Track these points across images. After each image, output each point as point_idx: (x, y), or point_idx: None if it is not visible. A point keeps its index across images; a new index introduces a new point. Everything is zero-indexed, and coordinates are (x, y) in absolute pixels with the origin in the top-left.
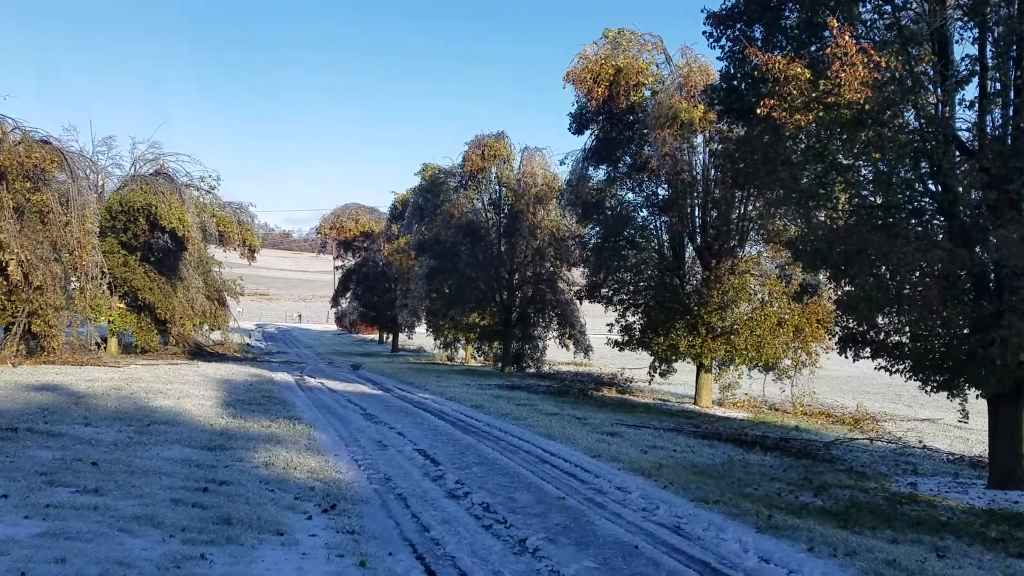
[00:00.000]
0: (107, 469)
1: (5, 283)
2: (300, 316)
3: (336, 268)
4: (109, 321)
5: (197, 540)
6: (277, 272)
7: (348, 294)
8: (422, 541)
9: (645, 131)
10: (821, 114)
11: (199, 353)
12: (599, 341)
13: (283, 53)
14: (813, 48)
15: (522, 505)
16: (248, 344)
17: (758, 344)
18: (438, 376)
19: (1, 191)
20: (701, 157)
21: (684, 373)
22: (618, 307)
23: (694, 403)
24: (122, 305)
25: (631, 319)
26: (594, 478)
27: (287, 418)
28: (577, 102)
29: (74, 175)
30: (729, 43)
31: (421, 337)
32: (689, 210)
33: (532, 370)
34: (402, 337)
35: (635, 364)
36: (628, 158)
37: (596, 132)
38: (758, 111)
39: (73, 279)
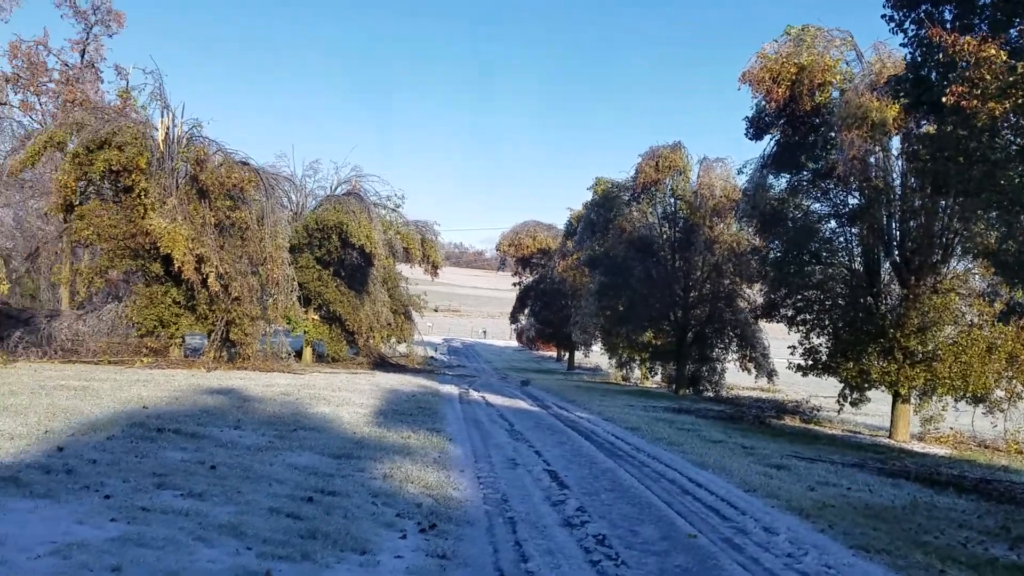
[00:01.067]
0: (223, 473)
1: (206, 294)
2: (485, 332)
3: (514, 285)
4: (304, 332)
5: (271, 554)
6: (470, 289)
7: (526, 311)
8: (515, 574)
9: (832, 134)
10: (1021, 102)
11: (382, 364)
12: (784, 365)
13: (472, 80)
14: (1012, 31)
15: (643, 540)
16: (432, 357)
17: (964, 372)
18: (603, 396)
19: (204, 209)
20: (897, 162)
21: (881, 403)
22: (801, 328)
23: (889, 437)
24: (316, 317)
25: (816, 341)
26: (739, 515)
27: (430, 430)
28: (755, 105)
29: (268, 193)
30: (914, 26)
31: (599, 355)
32: (884, 221)
33: (710, 394)
34: (579, 355)
35: (828, 392)
36: (812, 164)
37: (776, 137)
38: (944, 100)
39: (268, 291)
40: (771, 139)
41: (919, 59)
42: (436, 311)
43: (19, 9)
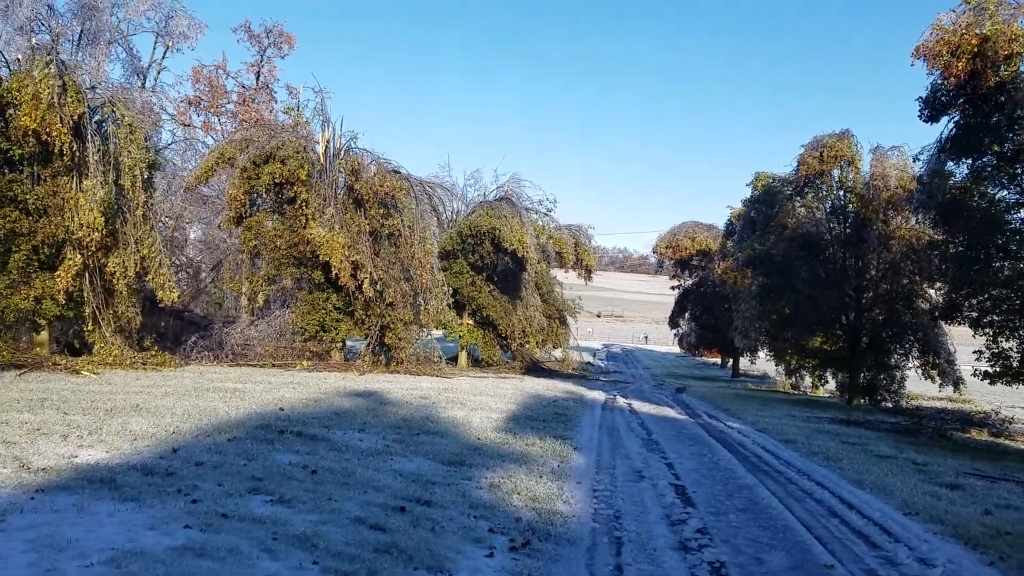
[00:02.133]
0: (322, 479)
1: (362, 299)
2: (646, 337)
3: (672, 288)
4: (459, 336)
5: (336, 570)
6: (634, 295)
7: (685, 315)
8: None
9: (1020, 112)
10: None
11: (534, 369)
12: (970, 372)
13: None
14: None
15: (768, 570)
16: (588, 363)
17: None
18: (763, 405)
19: (359, 217)
20: None
21: None
22: (987, 331)
23: None
24: (470, 322)
25: (1005, 345)
26: (891, 542)
27: (558, 437)
28: (930, 85)
29: (418, 200)
30: None
31: (766, 362)
32: None
33: (888, 404)
34: (746, 362)
35: None
36: (997, 147)
37: (954, 118)
38: None
39: (420, 296)
40: (949, 120)
41: None
42: (598, 316)
43: (201, 36)
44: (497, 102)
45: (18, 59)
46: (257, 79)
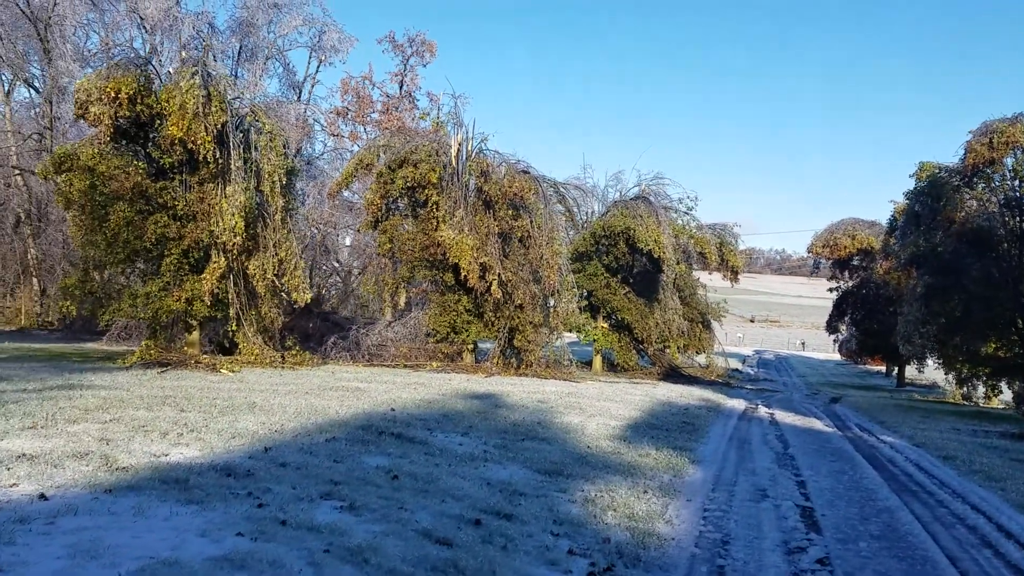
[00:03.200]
0: (401, 485)
1: (492, 301)
2: (803, 344)
3: (830, 291)
4: (594, 340)
5: None
6: (792, 299)
7: (845, 319)
8: None
9: None
10: None
11: (672, 375)
12: None
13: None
14: None
15: None
16: (735, 370)
17: None
18: (925, 417)
19: (488, 218)
20: None
21: None
22: None
23: None
24: (605, 325)
25: None
26: None
27: (677, 448)
28: None
29: (546, 200)
30: None
31: (935, 371)
32: None
33: None
34: (913, 370)
35: None
36: None
37: None
38: None
39: (551, 298)
40: None
41: None
42: (751, 321)
43: (352, 48)
44: (648, 105)
45: (169, 72)
46: (401, 88)
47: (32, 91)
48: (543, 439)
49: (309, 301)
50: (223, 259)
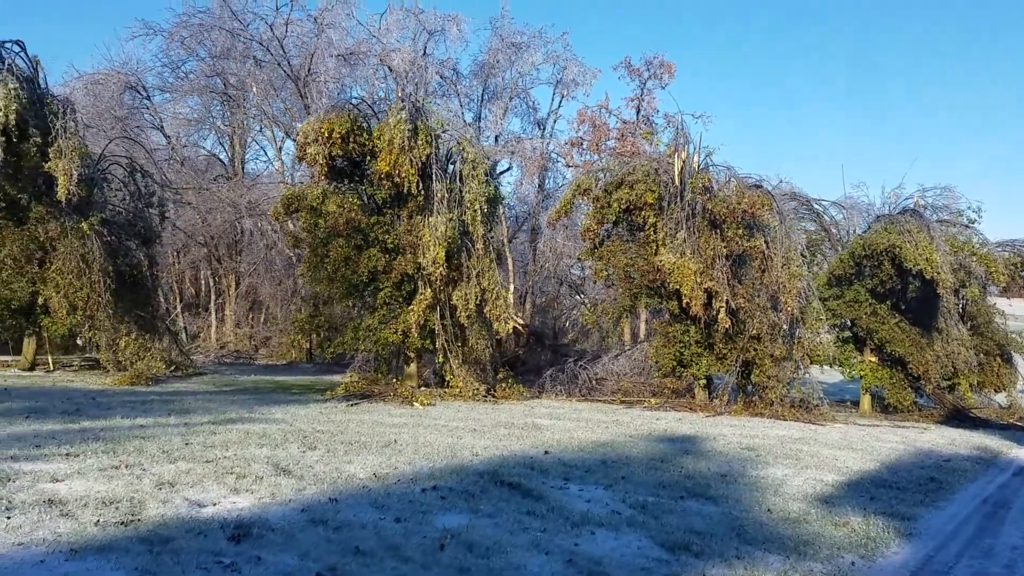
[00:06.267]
0: (441, 560)
1: (721, 331)
2: None
3: None
4: (860, 376)
5: None
6: None
7: None
8: None
9: None
10: None
11: (956, 417)
12: None
13: None
14: None
15: None
16: None
17: None
18: None
19: (715, 239)
20: None
21: None
22: None
23: None
24: (874, 359)
25: None
26: None
27: (893, 516)
28: None
29: (782, 217)
30: None
31: None
32: None
33: None
34: None
35: None
36: None
37: None
38: None
39: (797, 327)
40: None
41: None
42: None
43: (595, 81)
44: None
45: (386, 111)
46: (638, 113)
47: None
48: (710, 498)
49: (520, 331)
50: (428, 290)
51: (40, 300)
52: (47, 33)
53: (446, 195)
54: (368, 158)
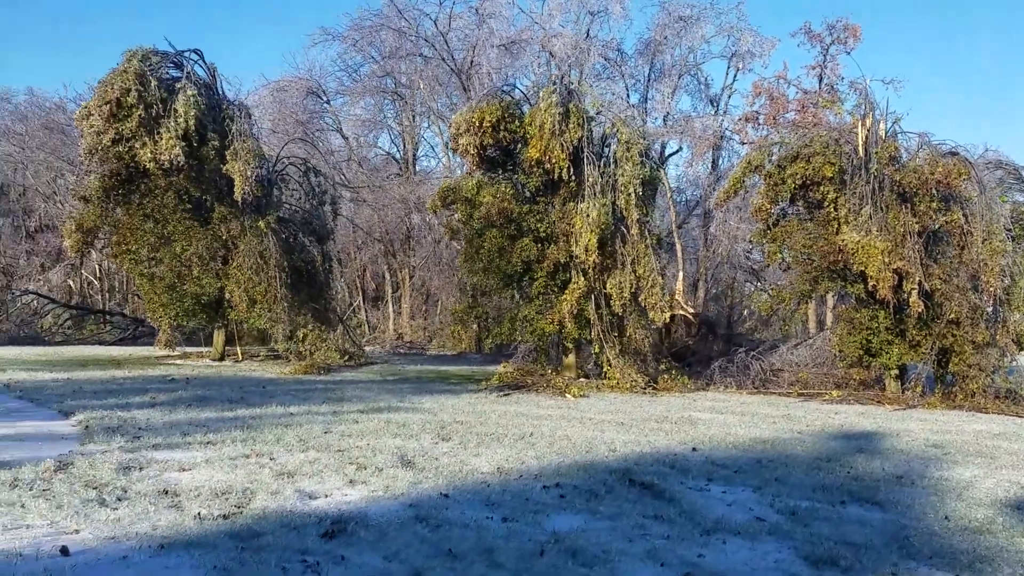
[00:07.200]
0: (538, 567)
1: (914, 316)
2: None
3: None
4: None
5: None
6: None
7: None
8: None
9: None
10: None
11: None
12: None
13: None
14: None
15: None
16: None
17: None
18: None
19: (905, 214)
20: None
21: None
22: None
23: None
24: None
25: None
26: None
27: None
28: None
29: (982, 187)
30: None
31: None
32: None
33: None
34: None
35: None
36: None
37: None
38: None
39: (1004, 310)
40: None
41: None
42: None
43: (773, 51)
44: None
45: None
46: (820, 82)
47: None
48: (877, 503)
49: (691, 320)
50: (582, 279)
51: (226, 295)
52: (244, 44)
53: (599, 179)
54: (519, 146)
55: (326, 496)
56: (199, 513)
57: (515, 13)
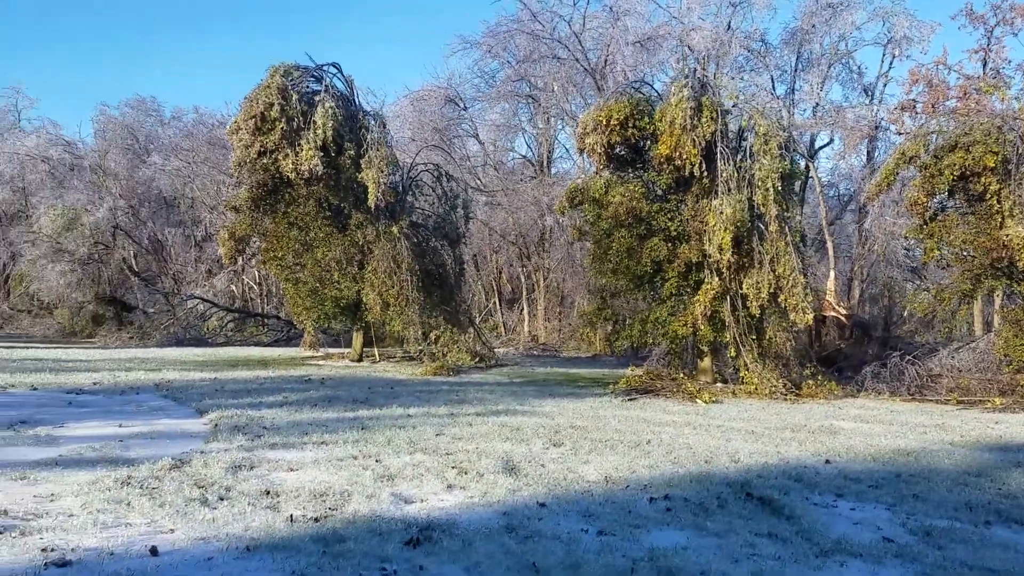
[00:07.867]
0: None
1: None
2: None
3: None
4: None
5: None
6: None
7: None
8: None
9: None
10: None
11: None
12: None
13: None
14: None
15: None
16: None
17: None
18: None
19: None
20: None
21: None
22: None
23: None
24: None
25: None
26: None
27: None
28: None
29: None
30: None
31: None
32: None
33: None
34: None
35: None
36: None
37: None
38: None
39: None
40: None
41: None
42: None
43: (934, 36)
44: None
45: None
46: (984, 66)
47: None
48: (1021, 522)
49: (843, 323)
50: (716, 279)
51: (363, 298)
52: (388, 59)
53: (734, 174)
54: (649, 143)
55: (422, 501)
56: (292, 515)
57: (652, 9)
